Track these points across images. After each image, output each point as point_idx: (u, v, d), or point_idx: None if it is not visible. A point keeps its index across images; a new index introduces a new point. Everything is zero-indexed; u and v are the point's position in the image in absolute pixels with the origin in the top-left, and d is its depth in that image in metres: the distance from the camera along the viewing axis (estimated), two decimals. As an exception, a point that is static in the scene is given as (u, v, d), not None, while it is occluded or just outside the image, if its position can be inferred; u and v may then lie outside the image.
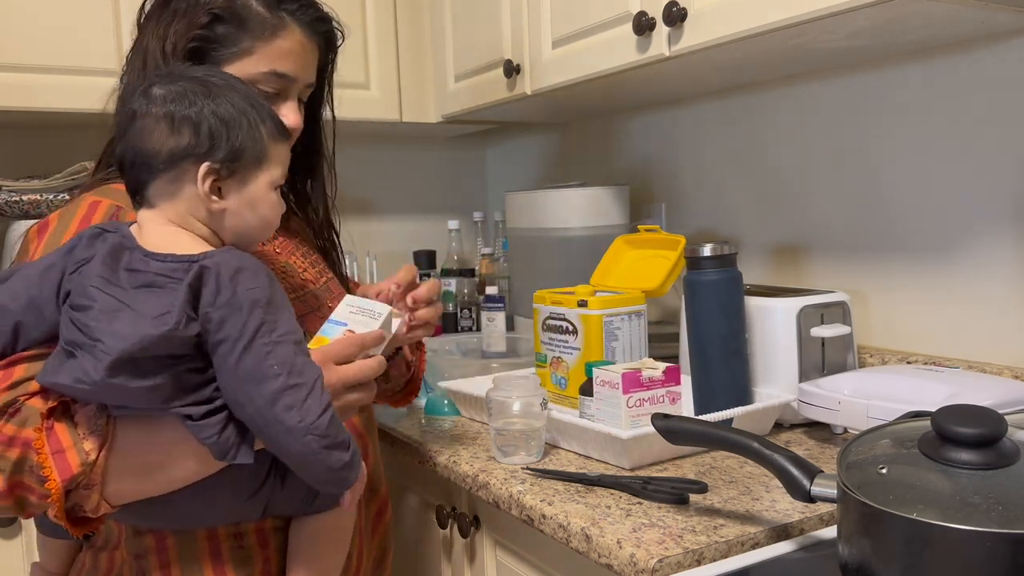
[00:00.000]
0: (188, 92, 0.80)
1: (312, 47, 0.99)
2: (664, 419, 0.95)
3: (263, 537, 0.91)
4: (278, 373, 0.74)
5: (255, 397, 0.74)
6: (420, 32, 1.99)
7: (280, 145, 0.85)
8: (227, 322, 0.74)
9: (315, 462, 0.76)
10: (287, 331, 0.77)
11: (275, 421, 0.74)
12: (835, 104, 1.44)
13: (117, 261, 0.77)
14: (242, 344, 0.74)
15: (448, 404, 1.44)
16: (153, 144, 0.79)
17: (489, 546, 1.19)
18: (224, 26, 0.93)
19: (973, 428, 0.69)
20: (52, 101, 1.61)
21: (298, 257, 1.06)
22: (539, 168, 2.27)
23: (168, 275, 0.75)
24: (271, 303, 0.76)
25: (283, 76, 0.96)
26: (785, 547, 0.87)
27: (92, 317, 0.73)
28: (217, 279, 0.75)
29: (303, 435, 0.74)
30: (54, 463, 0.73)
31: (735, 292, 1.24)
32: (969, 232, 1.26)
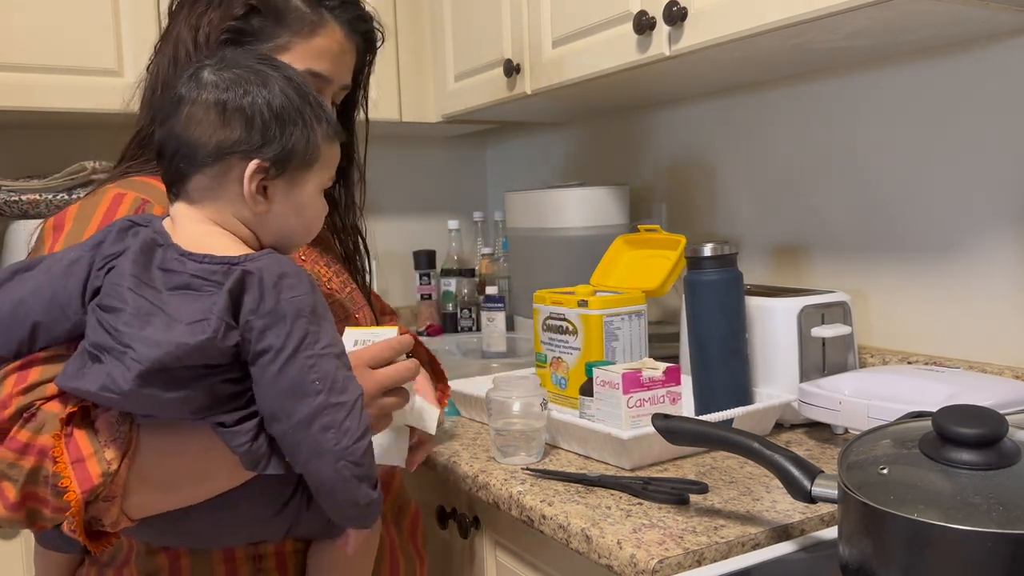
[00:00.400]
0: (242, 80, 0.74)
1: (350, 47, 0.94)
2: (664, 419, 0.95)
3: (282, 561, 0.86)
4: (319, 390, 0.69)
5: (293, 413, 0.69)
6: (420, 32, 1.99)
7: (333, 147, 0.80)
8: (270, 331, 0.69)
9: (343, 492, 0.71)
10: (329, 343, 0.72)
11: (311, 441, 0.69)
12: (835, 104, 1.44)
13: (150, 259, 0.72)
14: (285, 355, 0.69)
15: (448, 404, 1.44)
16: (200, 134, 0.73)
17: (489, 547, 1.19)
18: (260, 19, 0.88)
19: (974, 428, 0.69)
20: (52, 101, 1.61)
21: (322, 266, 1.02)
22: (539, 168, 2.26)
23: (206, 277, 0.70)
24: (315, 313, 0.72)
25: (319, 76, 0.91)
26: (786, 547, 0.86)
27: (123, 321, 0.68)
28: (260, 285, 0.70)
29: (337, 460, 0.70)
30: (73, 473, 0.68)
31: (735, 292, 1.24)
32: (969, 232, 1.26)
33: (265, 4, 0.88)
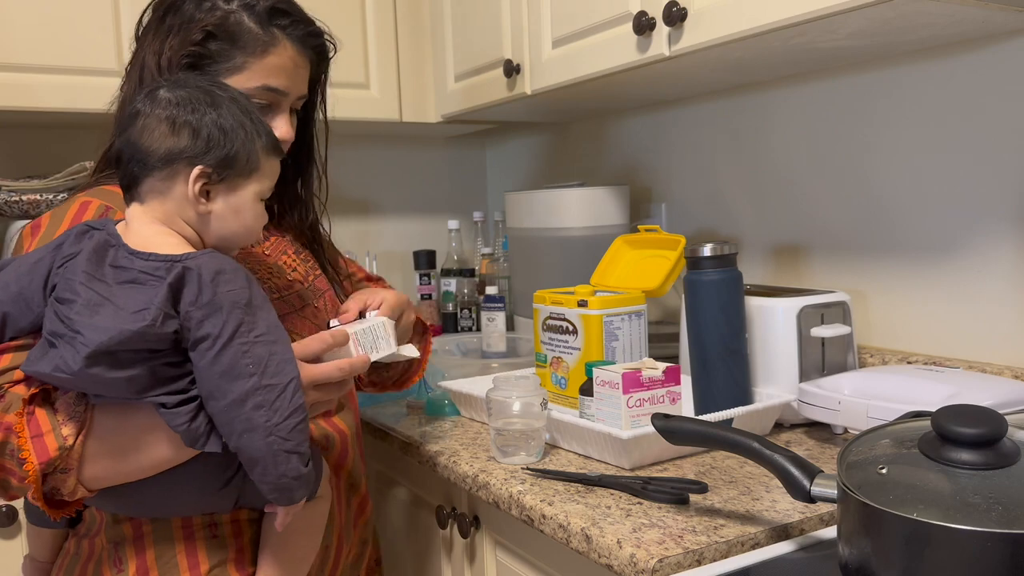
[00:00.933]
0: (192, 99, 0.84)
1: (304, 61, 1.02)
2: (664, 419, 0.95)
3: (237, 528, 0.95)
4: (252, 372, 0.78)
5: (228, 393, 0.77)
6: (420, 32, 1.99)
7: (272, 160, 0.89)
8: (207, 321, 0.78)
9: (272, 464, 0.79)
10: (264, 332, 0.80)
11: (243, 418, 0.77)
12: (835, 104, 1.44)
13: (103, 258, 0.81)
14: (221, 342, 0.77)
15: (448, 404, 1.44)
16: (151, 142, 0.83)
17: (489, 546, 1.19)
18: (217, 43, 0.96)
19: (973, 428, 0.69)
20: (52, 101, 1.61)
21: (289, 256, 1.10)
22: (539, 168, 2.26)
23: (151, 273, 0.79)
24: (250, 304, 0.80)
25: (275, 90, 0.99)
26: (785, 547, 0.87)
27: (75, 311, 0.77)
28: (199, 280, 0.78)
29: (267, 435, 0.78)
30: (32, 447, 0.78)
31: (735, 292, 1.24)
32: (969, 232, 1.26)
33: (220, 29, 0.96)
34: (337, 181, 2.23)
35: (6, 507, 1.43)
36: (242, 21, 0.97)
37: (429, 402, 1.46)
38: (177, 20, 0.97)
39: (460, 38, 1.86)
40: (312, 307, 1.07)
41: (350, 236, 2.26)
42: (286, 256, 1.10)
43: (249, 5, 0.97)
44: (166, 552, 0.91)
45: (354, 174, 2.28)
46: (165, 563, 0.91)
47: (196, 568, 0.91)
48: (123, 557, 0.91)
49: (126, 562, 0.91)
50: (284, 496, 0.82)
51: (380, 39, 1.94)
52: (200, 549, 0.92)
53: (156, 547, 0.91)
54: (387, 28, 1.95)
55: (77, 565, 0.95)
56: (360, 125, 2.00)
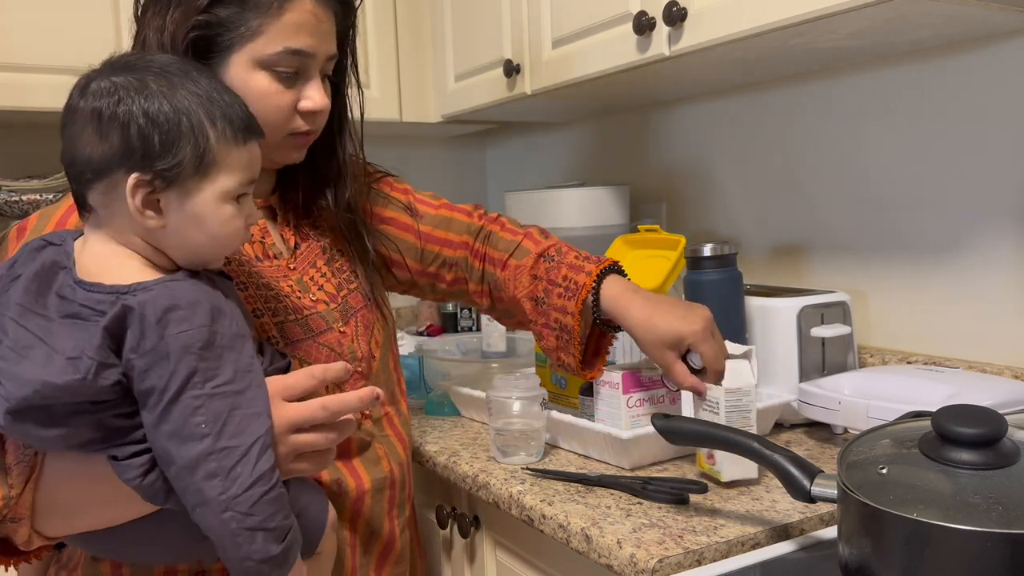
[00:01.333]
0: (119, 87, 0.69)
1: (327, 15, 0.87)
2: (664, 419, 0.95)
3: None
4: (205, 433, 0.65)
5: (176, 458, 0.65)
6: (420, 32, 1.99)
7: (236, 149, 0.73)
8: (151, 371, 0.65)
9: (231, 545, 0.65)
10: (228, 380, 0.66)
11: (194, 490, 0.65)
12: (835, 104, 1.44)
13: (48, 284, 0.68)
14: (168, 397, 0.65)
15: (448, 404, 1.44)
16: (84, 149, 0.69)
17: (489, 546, 1.19)
18: (225, 8, 0.83)
19: (973, 428, 0.69)
20: (52, 101, 1.58)
21: (319, 268, 0.97)
22: (539, 168, 2.26)
23: (93, 307, 0.66)
24: (209, 347, 0.66)
25: (300, 52, 0.85)
26: (785, 547, 0.87)
27: (0, 354, 0.65)
28: (142, 321, 0.65)
29: (222, 510, 0.64)
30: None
31: (735, 292, 1.24)
32: (969, 232, 1.26)
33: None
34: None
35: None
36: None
37: (429, 402, 1.46)
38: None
39: (460, 38, 1.86)
40: (336, 332, 0.94)
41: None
42: (314, 269, 0.96)
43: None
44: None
45: (354, 174, 2.27)
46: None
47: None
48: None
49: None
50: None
51: (380, 39, 1.94)
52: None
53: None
54: (387, 28, 1.95)
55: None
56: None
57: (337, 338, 0.94)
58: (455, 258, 1.14)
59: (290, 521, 0.69)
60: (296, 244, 0.97)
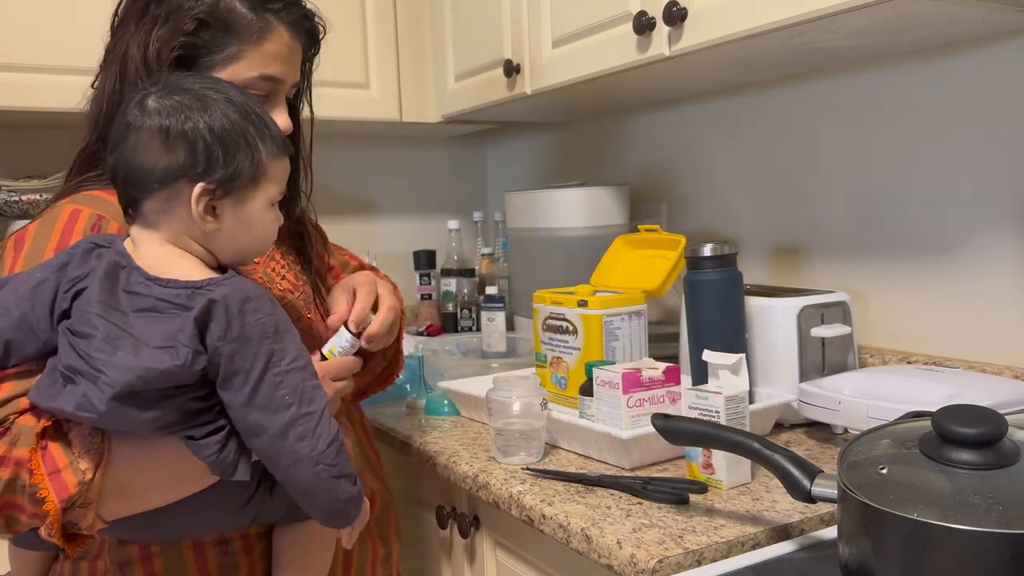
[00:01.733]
0: (184, 106, 0.77)
1: (297, 46, 0.97)
2: (664, 419, 0.95)
3: (248, 544, 0.92)
4: (290, 403, 0.75)
5: (269, 427, 0.75)
6: (420, 32, 1.99)
7: (279, 161, 0.83)
8: (238, 355, 0.74)
9: (324, 492, 0.77)
10: (295, 357, 0.77)
11: (288, 451, 0.75)
12: (835, 104, 1.44)
13: (115, 282, 0.75)
14: (255, 376, 0.74)
15: (448, 404, 1.44)
16: (147, 161, 0.76)
17: (489, 546, 1.19)
18: (210, 31, 0.90)
19: (973, 428, 0.69)
20: (52, 101, 1.61)
21: (277, 261, 1.04)
22: (539, 168, 2.27)
23: (170, 301, 0.74)
24: (278, 331, 0.76)
25: (272, 79, 0.94)
26: (785, 547, 0.87)
27: (95, 347, 0.72)
28: (226, 312, 0.73)
29: (315, 464, 0.76)
30: (51, 484, 0.72)
31: (735, 292, 1.24)
32: (969, 232, 1.26)
33: (213, 16, 0.90)
34: (337, 181, 2.25)
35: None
36: (234, 7, 0.91)
37: (429, 402, 1.46)
38: (163, 9, 0.90)
39: (460, 38, 1.86)
40: (306, 319, 1.02)
41: (350, 236, 2.26)
42: (274, 262, 1.04)
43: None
44: (177, 573, 0.88)
45: (354, 174, 2.28)
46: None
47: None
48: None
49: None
50: (340, 519, 0.80)
51: (380, 39, 1.94)
52: (212, 568, 0.89)
53: (166, 568, 0.88)
54: (387, 28, 1.95)
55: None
56: (360, 125, 2.00)
57: (308, 323, 1.02)
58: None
59: (354, 468, 0.81)
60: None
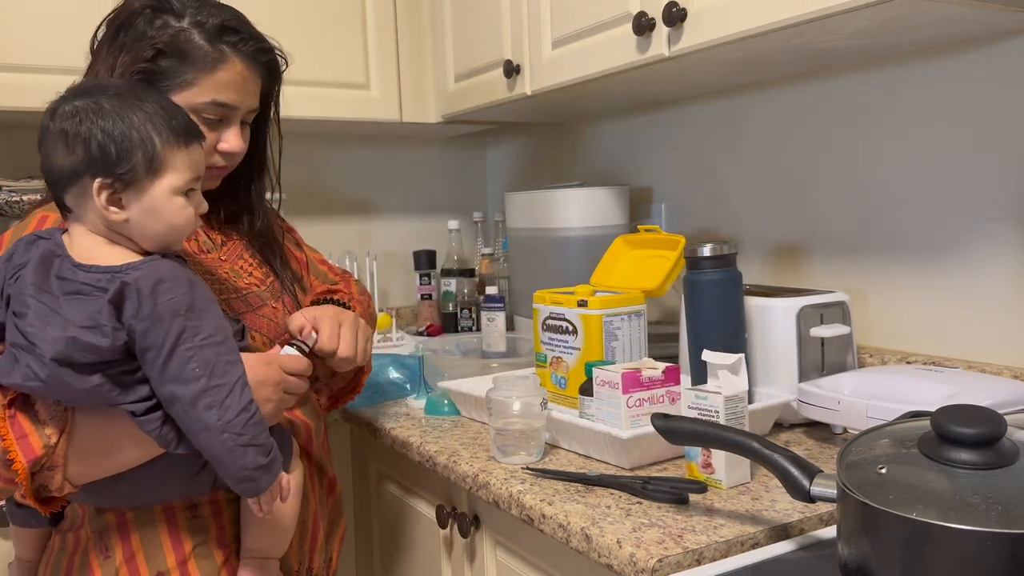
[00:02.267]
0: (80, 110, 0.84)
1: (254, 76, 1.04)
2: (664, 419, 0.95)
3: (216, 508, 0.99)
4: (200, 375, 0.81)
5: (180, 397, 0.81)
6: (420, 32, 1.99)
7: (180, 151, 0.88)
8: (150, 332, 0.81)
9: (229, 460, 0.83)
10: (210, 334, 0.83)
11: (196, 419, 0.81)
12: (835, 104, 1.44)
13: (48, 268, 0.83)
14: (166, 351, 0.81)
15: (448, 404, 1.44)
16: (56, 161, 0.84)
17: (489, 546, 1.20)
18: (167, 60, 0.98)
19: (973, 428, 0.69)
20: (52, 101, 1.61)
21: (246, 259, 1.13)
22: (539, 168, 2.27)
23: (93, 284, 0.81)
24: (192, 309, 0.83)
25: (224, 105, 1.01)
26: (785, 547, 0.87)
27: (28, 323, 0.80)
28: (138, 293, 0.81)
29: (220, 432, 0.82)
30: (19, 447, 0.82)
31: (735, 292, 1.24)
32: (969, 232, 1.26)
33: (170, 47, 0.98)
34: (337, 181, 2.25)
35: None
36: (192, 39, 0.99)
37: (429, 402, 1.46)
38: (129, 37, 0.99)
39: (460, 38, 1.86)
40: (270, 307, 1.10)
41: (350, 236, 2.26)
42: (242, 260, 1.12)
43: (200, 23, 0.99)
44: (150, 535, 0.95)
45: (354, 174, 2.28)
46: (149, 545, 0.95)
47: (180, 548, 0.96)
48: (109, 544, 0.95)
49: (112, 548, 0.95)
50: (249, 487, 0.85)
51: (380, 39, 1.94)
52: (182, 530, 0.96)
53: (140, 532, 0.95)
54: (387, 28, 1.95)
55: (64, 558, 0.98)
56: (360, 125, 2.00)
57: (271, 312, 1.10)
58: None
59: (271, 441, 0.86)
60: (223, 242, 1.13)
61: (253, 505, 0.88)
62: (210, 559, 0.97)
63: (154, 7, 0.99)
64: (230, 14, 1.03)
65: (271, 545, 0.99)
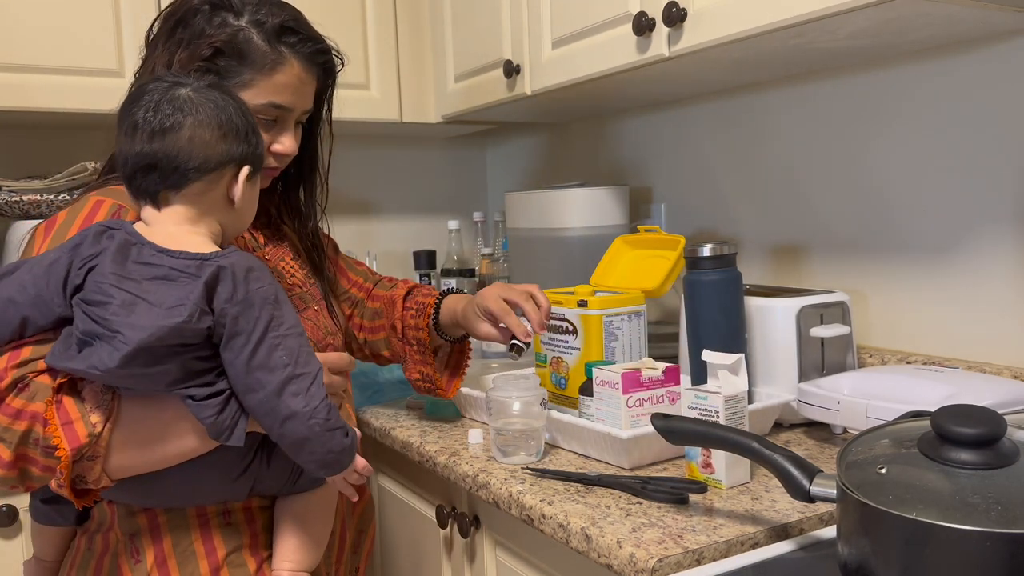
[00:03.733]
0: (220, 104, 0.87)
1: (310, 78, 1.03)
2: (664, 419, 0.95)
3: (250, 515, 0.97)
4: (286, 363, 0.82)
5: (267, 384, 0.81)
6: (420, 32, 1.99)
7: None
8: (241, 317, 0.81)
9: (318, 443, 0.83)
10: (292, 325, 0.84)
11: (283, 406, 0.81)
12: (835, 104, 1.44)
13: (126, 256, 0.82)
14: (256, 337, 0.81)
15: (448, 404, 1.44)
16: (201, 149, 0.85)
17: (489, 546, 1.20)
18: (225, 59, 0.97)
19: (972, 428, 0.69)
20: (52, 101, 1.61)
21: (287, 262, 1.13)
22: (539, 168, 2.27)
23: (181, 270, 0.81)
24: (277, 300, 0.84)
25: (280, 107, 1.00)
26: (785, 547, 0.87)
27: (111, 311, 0.79)
28: (232, 278, 0.81)
29: (308, 418, 0.82)
30: (63, 433, 0.79)
31: (735, 292, 1.24)
32: (969, 232, 1.26)
33: (229, 46, 0.97)
34: (337, 181, 2.23)
35: (6, 507, 1.43)
36: (251, 39, 0.97)
37: (429, 402, 1.46)
38: (187, 34, 0.97)
39: (460, 38, 1.86)
40: (312, 309, 1.10)
41: (350, 236, 2.26)
42: (284, 263, 1.12)
43: (259, 22, 0.98)
44: (183, 540, 0.93)
45: (354, 174, 2.28)
46: (183, 551, 0.93)
47: (213, 554, 0.94)
48: (140, 548, 0.93)
49: (143, 552, 0.93)
50: (334, 467, 0.86)
51: (380, 39, 1.94)
52: (216, 535, 0.94)
53: (172, 536, 0.93)
54: (387, 28, 1.95)
55: (92, 560, 0.95)
56: (360, 125, 2.00)
57: (314, 314, 1.10)
58: (356, 297, 1.35)
59: (345, 423, 0.87)
60: (265, 242, 1.13)
61: (344, 488, 0.90)
62: (243, 567, 0.95)
63: (213, 3, 0.98)
64: (290, 14, 1.01)
65: (304, 557, 0.97)
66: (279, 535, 0.96)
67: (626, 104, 1.82)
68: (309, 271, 1.15)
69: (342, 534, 1.10)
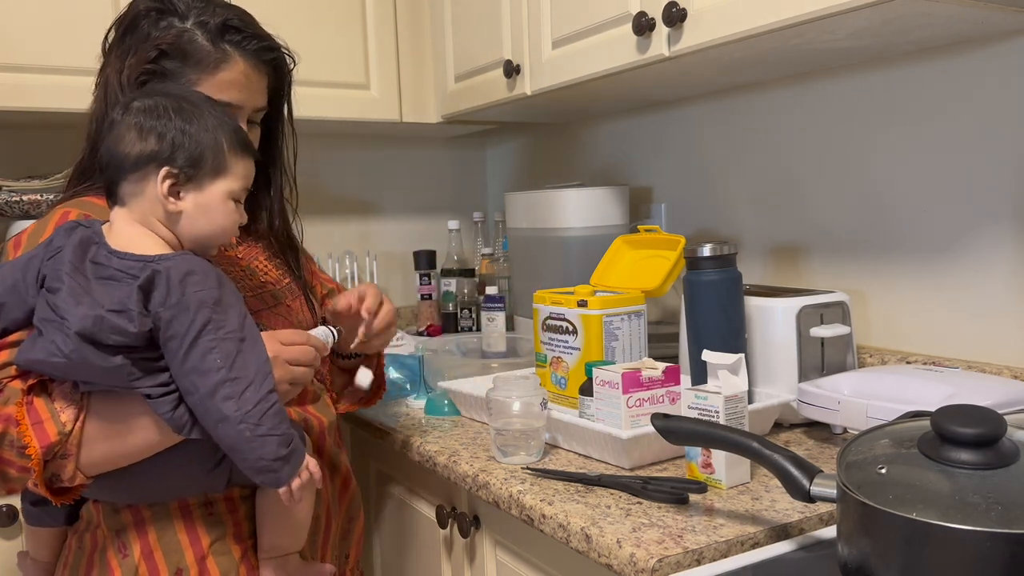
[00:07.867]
0: (158, 106, 0.89)
1: (258, 76, 1.05)
2: (664, 419, 0.95)
3: (232, 505, 1.00)
4: (220, 367, 0.82)
5: (200, 387, 0.82)
6: (420, 32, 1.99)
7: (241, 160, 0.92)
8: (175, 321, 0.82)
9: (247, 449, 0.83)
10: (233, 329, 0.85)
11: (215, 410, 0.82)
12: (835, 104, 1.44)
13: (85, 252, 0.85)
14: (188, 340, 0.82)
15: (448, 404, 1.44)
16: (124, 148, 0.88)
17: (489, 546, 1.20)
18: (170, 60, 1.00)
19: (972, 428, 0.69)
20: (51, 101, 1.61)
21: (262, 260, 1.15)
22: (539, 168, 2.27)
23: (125, 271, 0.84)
24: (219, 303, 0.84)
25: (228, 104, 1.01)
26: (785, 547, 0.87)
27: (60, 298, 0.82)
28: (167, 282, 0.83)
29: (237, 423, 0.82)
30: (34, 433, 0.82)
31: (735, 292, 1.24)
32: (969, 232, 1.26)
33: (173, 48, 1.00)
34: (337, 181, 2.25)
35: (6, 507, 1.43)
36: (195, 39, 1.00)
37: (429, 402, 1.46)
38: (135, 39, 1.00)
39: (460, 38, 1.86)
40: (285, 305, 1.12)
41: (350, 236, 2.26)
42: (257, 262, 1.14)
43: (203, 23, 1.00)
44: (167, 532, 0.96)
45: (354, 174, 2.28)
46: (167, 542, 0.96)
47: (197, 543, 0.96)
48: (126, 542, 0.96)
49: (130, 546, 0.95)
50: (270, 477, 0.85)
51: (380, 39, 1.94)
52: (199, 526, 0.97)
53: (157, 529, 0.96)
54: (387, 28, 1.95)
55: (82, 558, 0.98)
56: (360, 125, 2.00)
57: (287, 310, 1.12)
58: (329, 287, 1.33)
59: (292, 431, 0.86)
60: (238, 242, 1.13)
61: (284, 495, 0.88)
62: (228, 555, 0.98)
63: (159, 9, 1.01)
64: (234, 13, 1.03)
65: (288, 542, 1.00)
66: (261, 522, 0.99)
67: (626, 104, 1.82)
68: (285, 269, 1.17)
69: (327, 520, 1.12)
